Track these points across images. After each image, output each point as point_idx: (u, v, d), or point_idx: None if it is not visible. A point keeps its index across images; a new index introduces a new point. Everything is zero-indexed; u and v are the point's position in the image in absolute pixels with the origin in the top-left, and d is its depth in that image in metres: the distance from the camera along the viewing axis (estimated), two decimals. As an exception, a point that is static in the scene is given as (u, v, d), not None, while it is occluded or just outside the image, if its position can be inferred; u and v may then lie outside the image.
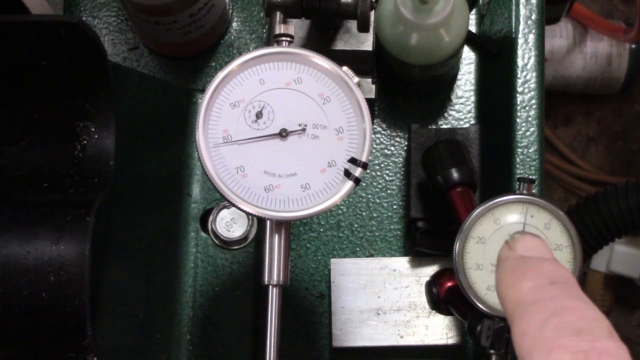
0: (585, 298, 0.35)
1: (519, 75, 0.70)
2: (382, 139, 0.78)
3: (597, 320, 0.34)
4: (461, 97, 0.78)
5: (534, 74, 0.70)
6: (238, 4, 0.80)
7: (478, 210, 0.58)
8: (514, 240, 0.39)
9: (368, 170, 0.74)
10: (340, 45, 0.70)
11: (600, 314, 0.34)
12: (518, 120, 0.69)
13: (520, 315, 0.35)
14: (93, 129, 0.56)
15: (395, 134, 0.78)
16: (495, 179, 0.71)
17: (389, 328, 0.71)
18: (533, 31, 0.71)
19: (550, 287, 0.35)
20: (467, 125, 0.77)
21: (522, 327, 0.34)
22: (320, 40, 0.70)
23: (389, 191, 0.76)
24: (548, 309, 0.34)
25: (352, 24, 0.69)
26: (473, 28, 0.79)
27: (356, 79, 0.54)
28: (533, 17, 0.71)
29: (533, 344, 0.33)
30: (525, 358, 0.33)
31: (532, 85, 0.70)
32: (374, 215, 0.76)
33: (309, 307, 0.74)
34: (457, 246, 0.57)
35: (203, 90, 0.56)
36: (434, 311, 0.66)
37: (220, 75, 0.53)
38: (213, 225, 0.72)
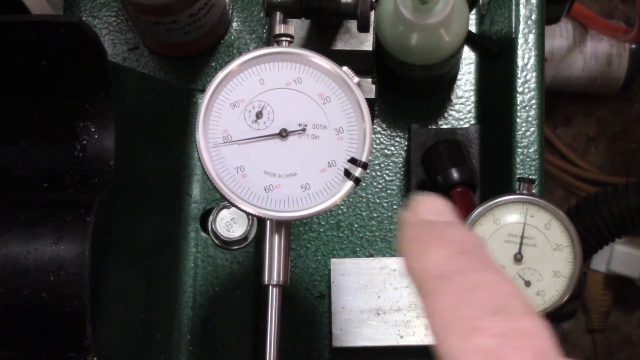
0: (498, 269, 0.32)
1: (519, 75, 0.70)
2: (382, 139, 0.78)
3: (515, 296, 0.30)
4: (461, 97, 0.78)
5: (534, 74, 0.70)
6: (238, 4, 0.80)
7: (478, 210, 0.58)
8: (416, 202, 0.35)
9: (368, 170, 0.74)
10: (340, 45, 0.70)
11: (516, 288, 0.31)
12: (518, 120, 0.69)
13: (429, 291, 0.31)
14: (93, 129, 0.56)
15: (395, 134, 0.78)
16: (495, 179, 0.71)
17: (389, 328, 0.71)
18: (533, 31, 0.71)
19: (460, 257, 0.32)
20: (467, 125, 0.77)
21: (433, 306, 0.31)
22: (320, 40, 0.70)
23: (389, 191, 0.76)
24: (461, 285, 0.30)
25: (352, 24, 0.69)
26: (473, 28, 0.79)
27: (356, 79, 0.54)
28: (533, 17, 0.71)
29: (448, 325, 0.30)
30: (440, 341, 0.30)
31: (532, 85, 0.70)
32: (374, 215, 0.76)
33: (309, 307, 0.74)
34: (457, 246, 0.57)
35: (203, 90, 0.56)
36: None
37: (220, 75, 0.53)
38: (213, 225, 0.72)
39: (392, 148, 0.77)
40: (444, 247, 0.32)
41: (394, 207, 0.76)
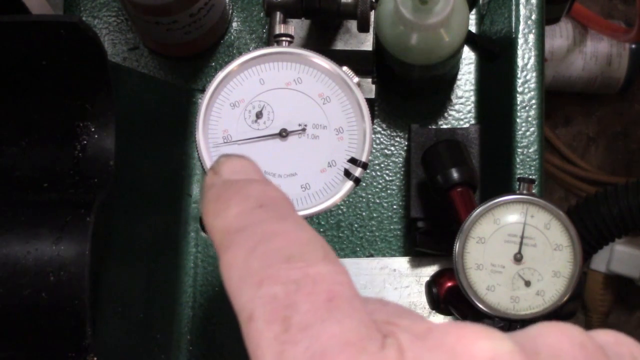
0: (298, 219, 0.31)
1: (519, 75, 0.70)
2: (382, 139, 0.78)
3: (310, 243, 0.29)
4: (461, 97, 0.78)
5: (534, 74, 0.70)
6: (238, 4, 0.80)
7: (478, 210, 0.58)
8: (219, 163, 0.33)
9: (368, 170, 0.74)
10: (340, 45, 0.70)
11: (314, 235, 0.30)
12: (518, 120, 0.69)
13: (226, 246, 0.30)
14: (93, 129, 0.56)
15: (395, 134, 0.78)
16: (495, 179, 0.71)
17: (389, 328, 0.71)
18: (533, 31, 0.71)
19: (258, 210, 0.30)
20: (467, 125, 0.77)
21: (228, 259, 0.29)
22: (320, 40, 0.70)
23: (389, 191, 0.76)
24: (256, 236, 0.29)
25: (352, 24, 0.69)
26: (473, 28, 0.79)
27: (356, 79, 0.54)
28: (533, 17, 0.71)
29: (241, 277, 0.28)
30: (234, 294, 0.29)
31: (532, 85, 0.70)
32: (374, 215, 0.76)
33: (309, 307, 0.74)
34: (457, 246, 0.57)
35: (203, 90, 0.56)
36: (434, 311, 0.66)
37: (220, 75, 0.53)
38: (213, 225, 0.72)
39: (392, 148, 0.77)
40: (243, 202, 0.31)
41: (394, 207, 0.76)
